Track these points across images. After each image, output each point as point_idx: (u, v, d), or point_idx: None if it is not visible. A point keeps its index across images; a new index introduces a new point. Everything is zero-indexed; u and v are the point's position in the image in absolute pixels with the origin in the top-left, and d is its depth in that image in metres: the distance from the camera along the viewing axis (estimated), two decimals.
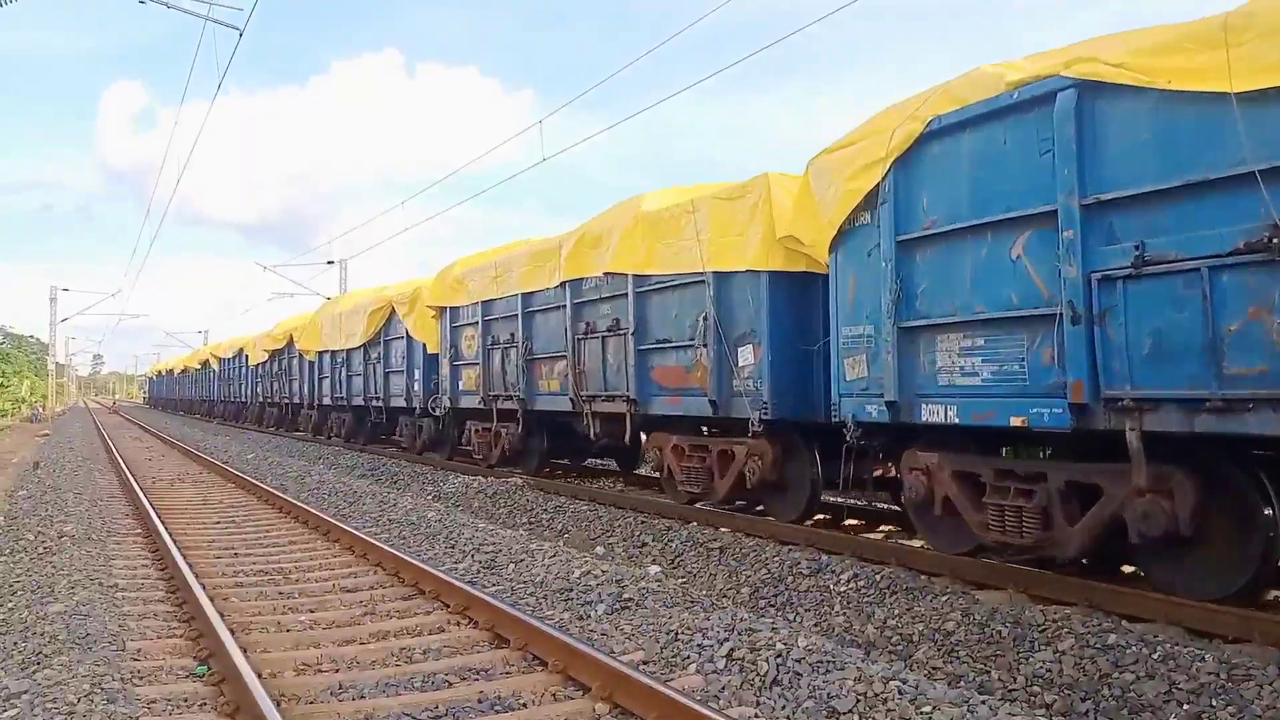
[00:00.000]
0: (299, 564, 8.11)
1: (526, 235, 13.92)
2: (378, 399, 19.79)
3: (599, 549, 9.07)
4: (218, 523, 10.57)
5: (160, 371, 74.73)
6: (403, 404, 18.43)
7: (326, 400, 23.79)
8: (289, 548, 8.96)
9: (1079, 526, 6.03)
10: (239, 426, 35.32)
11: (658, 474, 11.19)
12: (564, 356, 11.95)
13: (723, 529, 9.05)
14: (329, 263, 36.51)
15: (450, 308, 15.57)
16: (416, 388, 17.49)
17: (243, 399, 35.98)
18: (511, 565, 7.76)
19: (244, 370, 34.87)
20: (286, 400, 28.46)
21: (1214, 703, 4.47)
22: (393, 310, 18.63)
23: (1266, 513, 5.40)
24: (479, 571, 7.75)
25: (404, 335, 17.91)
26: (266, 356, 30.32)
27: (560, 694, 4.67)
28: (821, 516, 9.39)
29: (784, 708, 4.39)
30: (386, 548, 7.99)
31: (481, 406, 14.48)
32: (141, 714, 4.36)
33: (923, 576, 6.82)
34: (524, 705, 4.53)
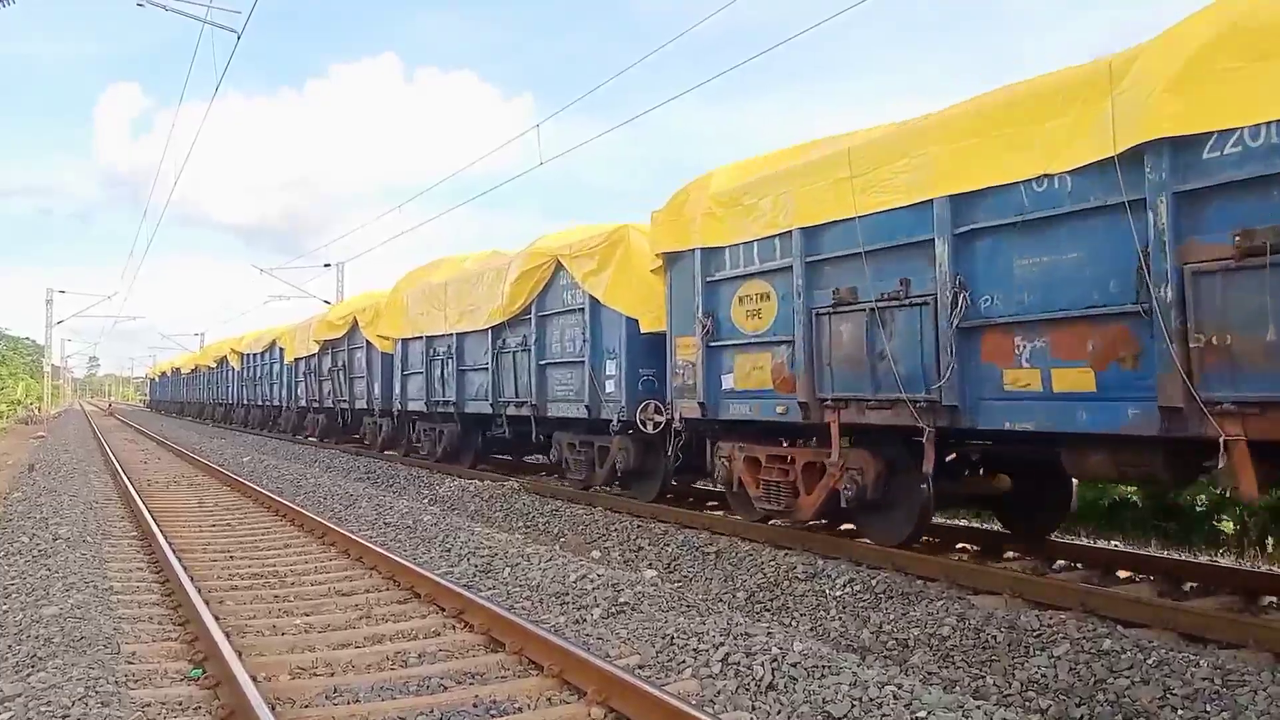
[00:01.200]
0: (294, 567, 8.10)
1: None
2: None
3: (595, 553, 9.06)
4: (212, 525, 10.56)
5: (164, 372, 67.42)
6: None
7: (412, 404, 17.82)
8: (284, 550, 8.95)
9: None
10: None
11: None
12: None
13: (719, 533, 9.06)
14: (326, 266, 36.53)
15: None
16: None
17: (275, 402, 29.85)
18: (507, 569, 7.75)
19: (278, 368, 29.11)
20: (345, 405, 22.20)
21: (1209, 708, 4.48)
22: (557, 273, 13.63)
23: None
24: (475, 575, 7.74)
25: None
26: (314, 349, 24.00)
27: (556, 698, 4.66)
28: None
29: (779, 713, 4.39)
30: (383, 551, 7.98)
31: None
32: (136, 717, 4.35)
33: (918, 581, 6.82)
34: (519, 709, 4.53)
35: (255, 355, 32.80)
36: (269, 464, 18.75)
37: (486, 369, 14.14)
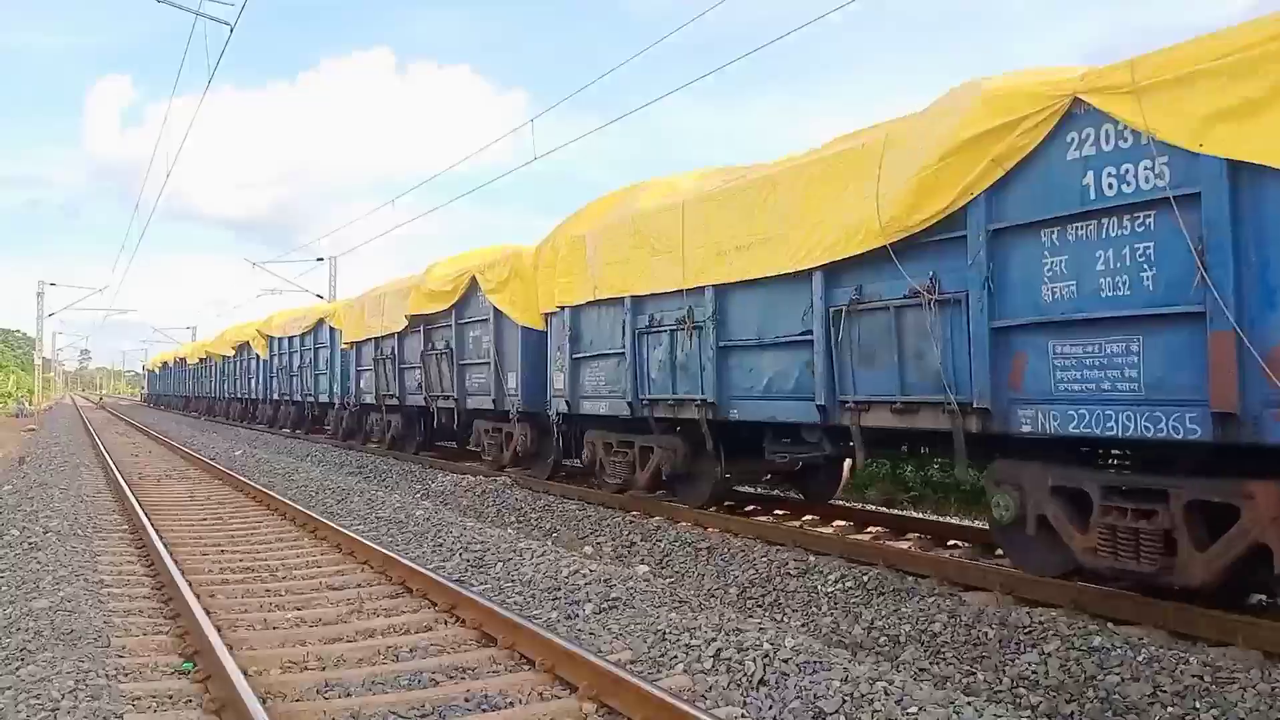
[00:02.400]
0: (285, 561, 8.09)
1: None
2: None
3: (587, 548, 9.07)
4: (204, 519, 10.53)
5: (165, 363, 60.04)
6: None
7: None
8: (275, 544, 8.93)
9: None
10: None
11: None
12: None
13: (711, 529, 9.07)
14: (318, 260, 36.39)
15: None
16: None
17: (318, 397, 23.60)
18: (499, 564, 7.75)
19: (326, 355, 22.86)
20: (452, 401, 15.18)
21: (1198, 705, 4.50)
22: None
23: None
24: (467, 570, 7.74)
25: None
26: (391, 328, 17.45)
27: (547, 693, 4.66)
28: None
29: (771, 708, 4.40)
30: (374, 545, 7.97)
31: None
32: (126, 711, 4.33)
33: (910, 578, 6.84)
34: (511, 704, 4.53)
35: (291, 340, 25.88)
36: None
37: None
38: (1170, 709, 4.52)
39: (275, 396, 28.44)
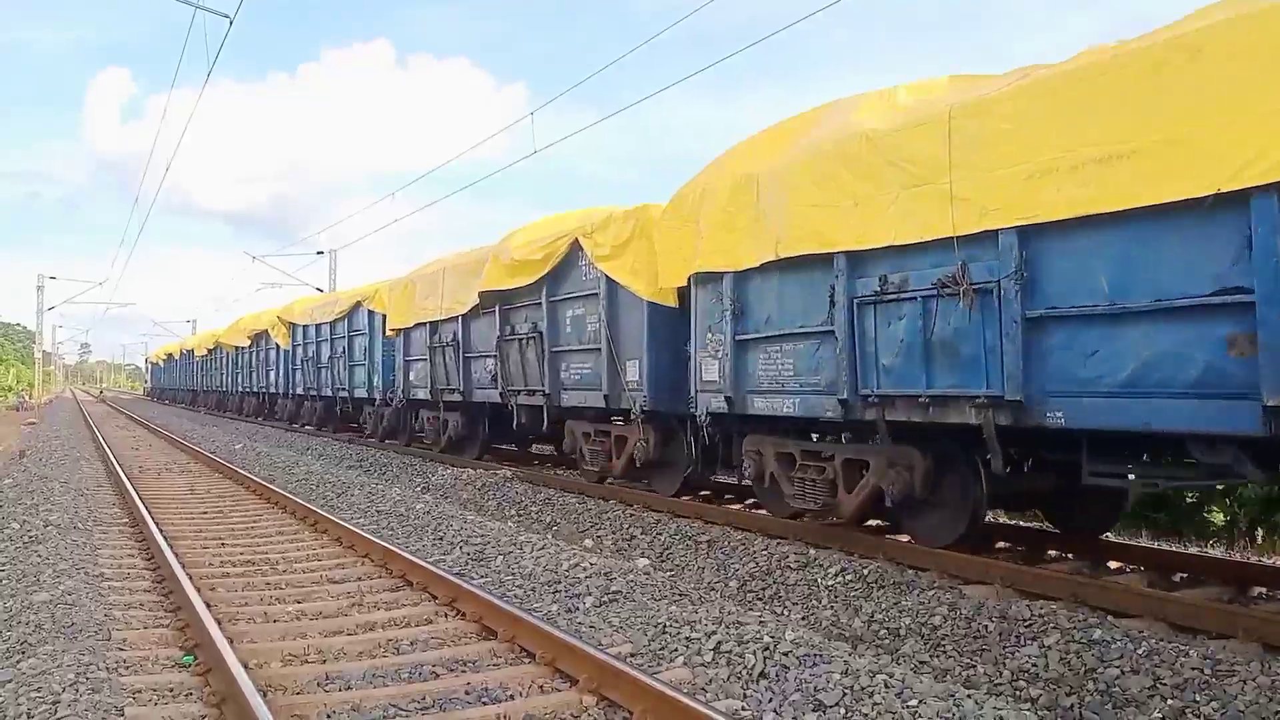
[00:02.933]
0: (286, 554, 8.09)
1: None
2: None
3: (588, 542, 9.07)
4: (204, 512, 10.54)
5: (171, 354, 56.17)
6: None
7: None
8: (275, 537, 8.94)
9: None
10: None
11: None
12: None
13: (712, 522, 9.07)
14: (318, 253, 36.37)
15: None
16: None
17: (353, 392, 20.44)
18: (500, 557, 7.75)
19: (363, 343, 19.81)
20: (540, 397, 12.41)
21: (1198, 698, 4.50)
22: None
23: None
24: (467, 563, 7.74)
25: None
26: (455, 309, 14.73)
27: (548, 685, 4.67)
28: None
29: (771, 701, 4.40)
30: (375, 538, 7.97)
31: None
32: (127, 703, 4.34)
33: (910, 571, 6.84)
34: (511, 697, 4.53)
35: (319, 328, 22.90)
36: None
37: None
38: (1170, 702, 4.53)
39: (298, 391, 25.09)
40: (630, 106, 14.13)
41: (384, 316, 18.03)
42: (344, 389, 21.10)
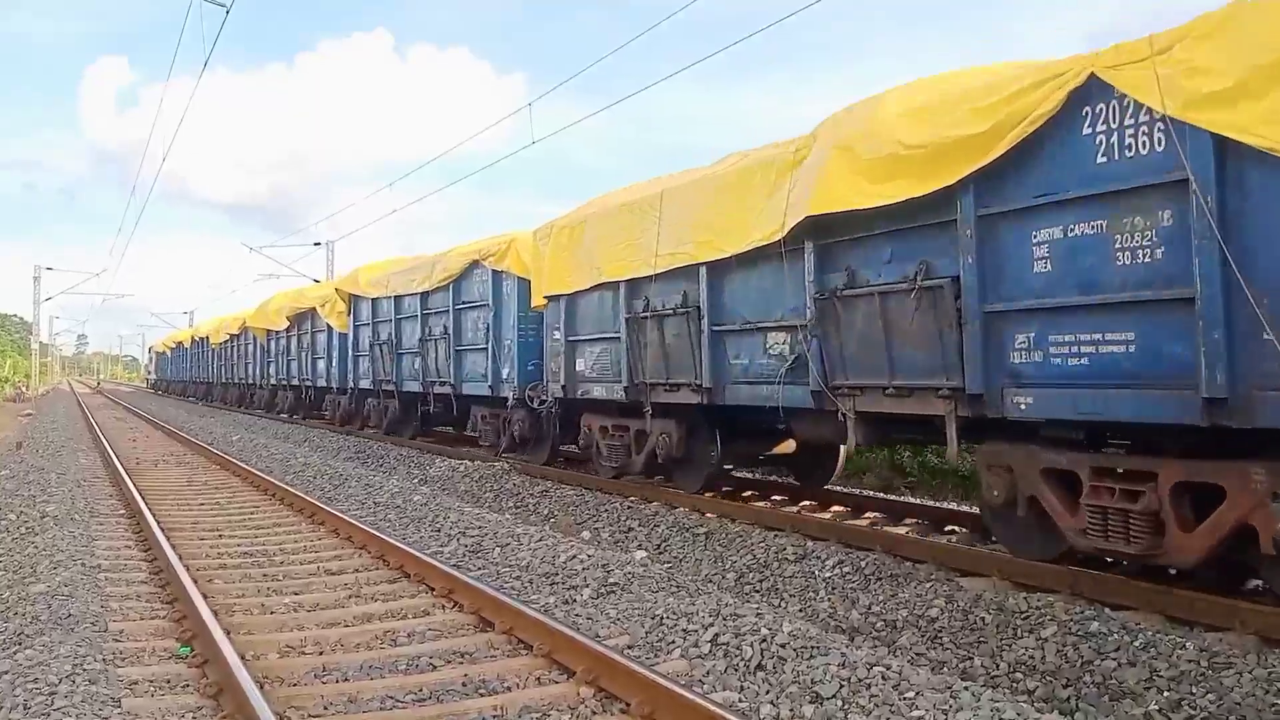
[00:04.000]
0: (283, 545, 8.08)
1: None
2: None
3: (585, 533, 9.07)
4: (201, 504, 10.53)
5: (179, 343, 50.63)
6: None
7: None
8: (273, 528, 8.93)
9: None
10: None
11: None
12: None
13: (709, 514, 9.07)
14: (316, 244, 36.27)
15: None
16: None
17: (458, 387, 15.02)
18: (497, 549, 7.75)
19: (477, 319, 14.46)
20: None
21: (1194, 690, 4.51)
22: None
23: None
24: (464, 555, 7.74)
25: None
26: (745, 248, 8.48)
27: (545, 677, 4.66)
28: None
29: (768, 693, 4.40)
30: (372, 530, 7.97)
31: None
32: (124, 695, 4.33)
33: (907, 563, 6.85)
34: (509, 688, 4.53)
35: (400, 302, 17.28)
36: None
37: None
38: (1166, 694, 4.53)
39: (363, 384, 19.67)
40: (630, 97, 14.03)
41: (520, 282, 13.11)
42: (447, 381, 15.19)
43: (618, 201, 10.69)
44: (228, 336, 34.10)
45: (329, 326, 21.72)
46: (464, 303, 14.92)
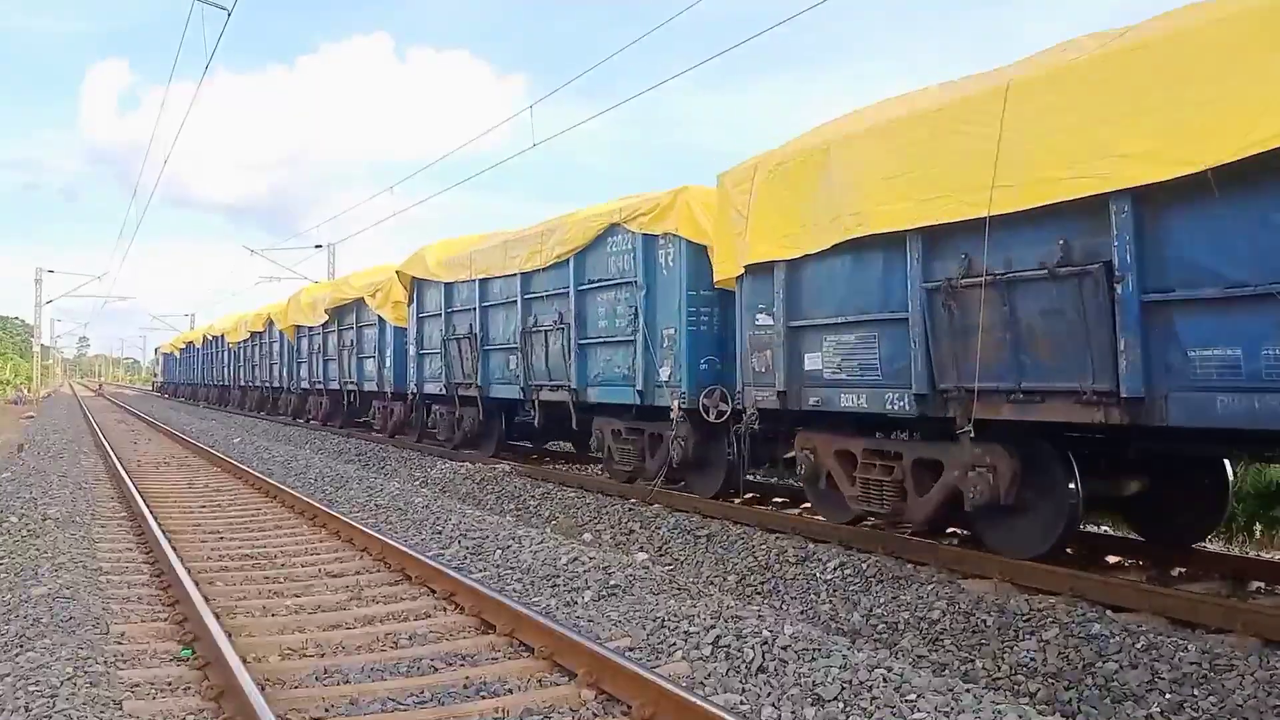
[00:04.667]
0: (284, 548, 8.08)
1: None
2: None
3: (586, 536, 9.07)
4: (202, 506, 10.53)
5: (190, 343, 46.52)
6: None
7: None
8: (274, 531, 8.93)
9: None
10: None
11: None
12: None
13: (710, 516, 9.06)
14: (317, 247, 36.25)
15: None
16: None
17: (576, 393, 11.33)
18: (498, 551, 7.75)
19: (632, 304, 10.31)
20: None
21: (1196, 692, 4.51)
22: None
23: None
24: (466, 557, 7.74)
25: None
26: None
27: (546, 680, 4.66)
28: None
29: (769, 695, 4.40)
30: (373, 532, 7.96)
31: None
32: (125, 697, 4.33)
33: (909, 565, 6.84)
34: (510, 691, 4.53)
35: (486, 285, 13.88)
36: None
37: None
38: (1168, 696, 4.53)
39: (432, 387, 15.92)
40: (632, 99, 13.99)
41: (690, 249, 9.59)
42: (558, 384, 11.83)
43: (897, 115, 6.95)
44: (249, 335, 30.48)
45: (380, 320, 18.44)
46: (591, 282, 11.27)
